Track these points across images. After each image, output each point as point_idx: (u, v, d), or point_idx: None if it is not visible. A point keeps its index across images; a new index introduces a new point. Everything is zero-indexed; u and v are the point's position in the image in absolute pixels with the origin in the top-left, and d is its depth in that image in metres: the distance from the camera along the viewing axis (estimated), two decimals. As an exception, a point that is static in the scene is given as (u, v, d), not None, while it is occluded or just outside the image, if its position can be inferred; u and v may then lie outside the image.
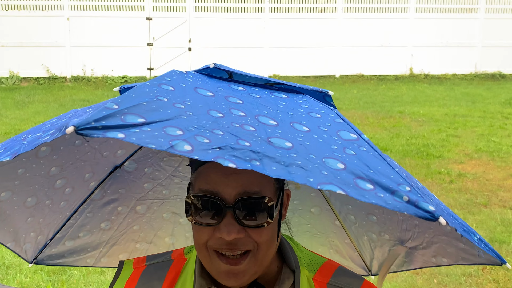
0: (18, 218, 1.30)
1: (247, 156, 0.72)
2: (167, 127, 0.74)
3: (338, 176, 0.74)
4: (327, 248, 1.60)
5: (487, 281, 4.11)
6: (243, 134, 0.78)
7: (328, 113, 1.00)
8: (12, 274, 4.18)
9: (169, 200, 1.56)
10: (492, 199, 5.92)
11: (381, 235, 1.43)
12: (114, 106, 0.75)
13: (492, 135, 8.88)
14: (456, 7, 16.27)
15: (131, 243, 1.59)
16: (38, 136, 0.83)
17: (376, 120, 10.09)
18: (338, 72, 15.71)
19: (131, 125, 0.72)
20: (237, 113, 0.86)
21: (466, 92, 13.67)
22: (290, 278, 1.05)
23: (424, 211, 0.73)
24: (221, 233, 0.91)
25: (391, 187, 0.75)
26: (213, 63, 1.10)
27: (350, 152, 0.83)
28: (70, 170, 1.30)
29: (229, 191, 0.92)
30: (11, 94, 12.47)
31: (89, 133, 0.70)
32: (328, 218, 1.54)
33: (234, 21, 15.24)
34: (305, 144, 0.81)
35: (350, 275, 1.10)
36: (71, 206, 1.41)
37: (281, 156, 0.75)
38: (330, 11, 15.74)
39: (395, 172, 0.82)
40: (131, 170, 1.47)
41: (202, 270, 1.05)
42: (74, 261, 1.54)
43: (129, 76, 14.71)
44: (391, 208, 0.71)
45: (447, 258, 1.28)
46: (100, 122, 0.71)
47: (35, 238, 1.40)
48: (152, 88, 0.86)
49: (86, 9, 14.62)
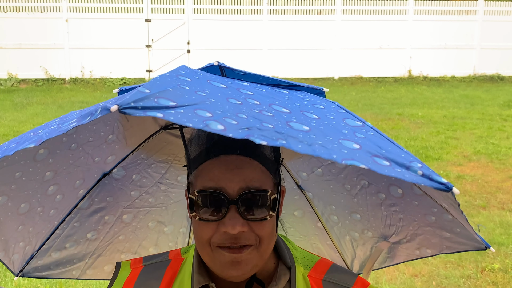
0: (10, 226, 1.30)
1: (274, 136, 0.75)
2: (197, 110, 0.77)
3: (357, 154, 0.77)
4: (309, 250, 1.61)
5: (486, 283, 4.11)
6: (265, 118, 0.81)
7: (330, 105, 1.04)
8: (10, 276, 4.17)
9: (154, 209, 1.58)
10: (490, 201, 5.92)
11: (364, 233, 1.46)
12: (146, 90, 0.79)
13: (491, 137, 8.89)
14: (455, 9, 16.30)
15: (116, 253, 1.59)
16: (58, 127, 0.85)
17: (375, 122, 10.09)
18: (336, 74, 15.73)
19: (165, 106, 0.76)
20: (252, 101, 0.89)
21: (464, 94, 13.69)
22: (286, 275, 1.08)
23: (438, 183, 0.77)
24: (226, 227, 0.93)
25: (405, 163, 0.79)
26: (216, 61, 1.13)
27: (360, 135, 0.87)
28: (63, 175, 1.30)
29: (232, 186, 0.94)
30: (9, 96, 12.46)
31: (132, 112, 0.73)
32: (311, 221, 1.57)
33: (233, 23, 15.25)
34: (319, 128, 0.85)
35: (344, 272, 1.13)
36: (60, 215, 1.41)
37: (303, 136, 0.78)
38: (329, 13, 15.76)
39: (404, 151, 0.87)
40: (119, 177, 1.48)
41: (200, 267, 1.06)
42: (60, 273, 1.53)
43: (128, 78, 14.71)
44: (409, 181, 0.75)
45: (431, 248, 1.33)
46: (138, 103, 0.75)
47: (23, 249, 1.39)
48: (173, 78, 0.90)
49: (85, 11, 14.63)
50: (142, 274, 1.14)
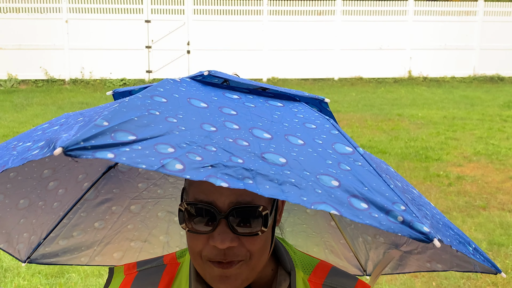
0: (11, 220, 1.30)
1: (240, 174, 0.72)
2: (158, 144, 0.73)
3: (332, 195, 0.74)
4: (322, 248, 1.60)
5: (486, 284, 4.10)
6: (237, 150, 0.77)
7: (323, 123, 0.98)
8: (10, 277, 4.17)
9: (163, 200, 1.56)
10: (490, 202, 5.92)
11: (376, 238, 1.43)
12: (104, 123, 0.74)
13: (491, 138, 8.89)
14: (455, 9, 16.31)
15: (125, 241, 1.58)
16: (28, 147, 0.82)
17: (375, 123, 10.09)
18: (336, 75, 15.73)
19: (121, 143, 0.71)
20: (231, 126, 0.85)
21: (464, 95, 13.69)
22: (286, 280, 1.06)
23: (418, 233, 0.73)
24: (214, 242, 0.91)
25: (385, 207, 0.75)
26: (207, 70, 1.08)
27: (345, 167, 0.83)
28: (62, 172, 1.29)
29: (223, 199, 0.91)
30: (9, 97, 12.45)
31: (78, 154, 0.68)
32: (323, 219, 1.55)
33: (233, 24, 15.24)
34: (299, 159, 0.80)
35: (344, 275, 1.11)
36: (64, 206, 1.41)
37: (275, 173, 0.74)
38: (329, 14, 15.76)
39: (390, 189, 0.81)
40: (125, 170, 1.47)
41: (198, 275, 1.05)
42: (68, 260, 1.54)
43: (128, 79, 14.71)
44: (385, 229, 0.71)
45: (442, 264, 1.29)
46: (89, 141, 0.70)
47: (28, 238, 1.40)
48: (144, 101, 0.85)
49: (85, 12, 14.62)
50: (137, 280, 1.12)
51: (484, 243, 4.83)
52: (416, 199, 0.92)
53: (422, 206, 0.91)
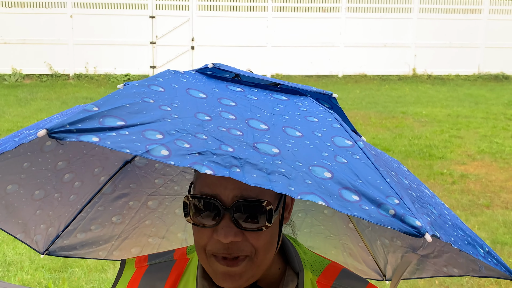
0: (27, 211, 1.29)
1: (228, 162, 0.71)
2: (147, 131, 0.72)
3: (323, 186, 0.73)
4: (340, 250, 1.57)
5: (488, 283, 4.10)
6: (228, 139, 0.76)
7: (326, 117, 0.97)
8: (14, 271, 4.19)
9: (180, 196, 1.55)
10: (494, 201, 5.91)
11: (393, 241, 1.41)
12: (94, 108, 0.73)
13: (495, 136, 8.86)
14: (460, 7, 16.24)
15: (143, 237, 1.58)
16: (28, 134, 0.82)
17: (379, 121, 10.08)
18: (341, 72, 15.70)
19: (108, 128, 0.70)
20: (227, 116, 0.84)
21: (469, 93, 13.64)
22: (293, 281, 1.04)
23: (409, 226, 0.71)
24: (218, 236, 0.90)
25: (378, 200, 0.74)
26: (212, 63, 1.07)
27: (341, 160, 0.82)
28: (77, 164, 1.29)
29: (227, 193, 0.90)
30: (13, 91, 12.48)
31: (62, 137, 0.67)
32: (341, 220, 1.52)
33: (237, 20, 15.23)
34: (294, 150, 0.79)
35: (354, 278, 1.09)
36: (82, 199, 1.41)
37: (265, 163, 0.73)
38: (333, 10, 15.72)
39: (385, 183, 0.80)
40: (142, 165, 1.46)
41: (204, 271, 1.04)
42: (86, 253, 1.53)
43: (132, 74, 14.72)
44: (375, 222, 0.70)
45: (458, 268, 1.26)
46: (75, 125, 0.69)
47: (45, 230, 1.39)
48: (140, 89, 0.84)
49: (89, 7, 14.63)
50: (147, 274, 1.12)
51: (488, 241, 4.82)
52: (424, 198, 0.90)
53: (430, 205, 0.89)
